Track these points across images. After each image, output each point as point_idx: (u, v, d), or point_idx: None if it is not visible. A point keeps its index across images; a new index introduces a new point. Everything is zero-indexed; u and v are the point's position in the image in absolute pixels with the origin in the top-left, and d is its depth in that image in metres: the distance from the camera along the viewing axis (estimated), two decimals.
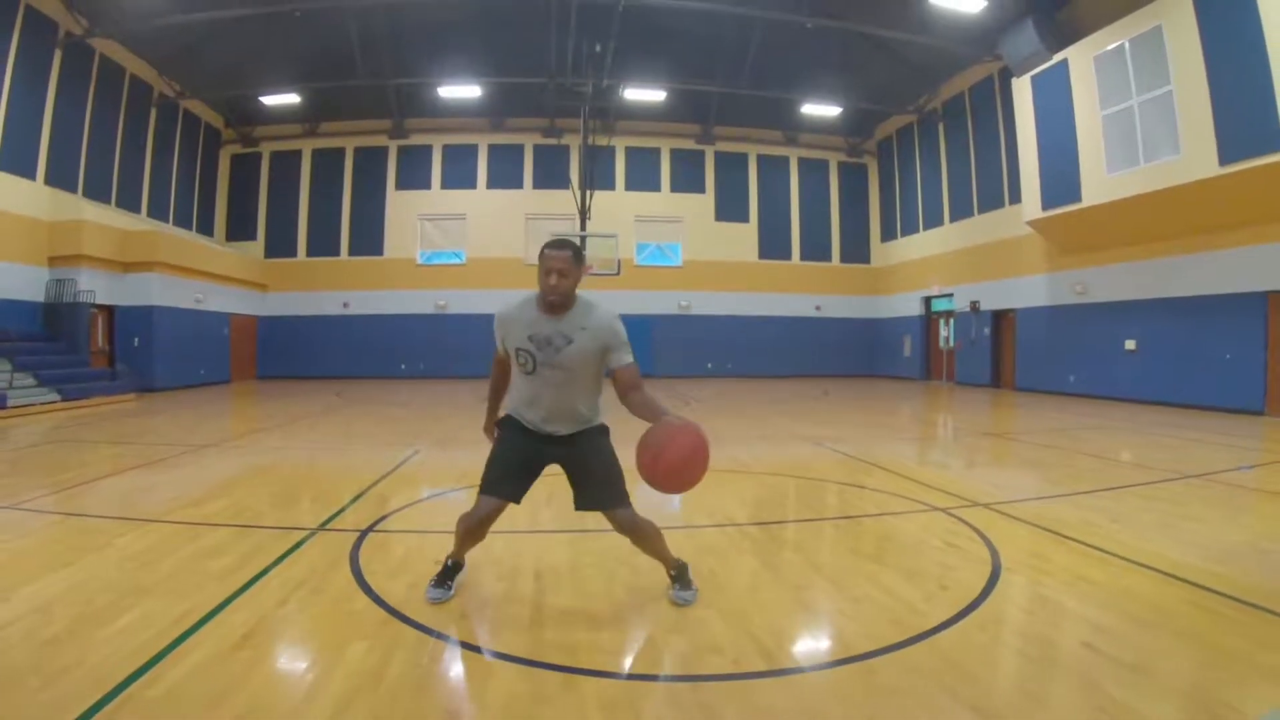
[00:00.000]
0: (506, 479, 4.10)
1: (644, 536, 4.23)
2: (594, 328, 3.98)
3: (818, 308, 30.66)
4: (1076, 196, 18.14)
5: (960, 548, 5.56)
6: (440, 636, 3.77)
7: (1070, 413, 16.18)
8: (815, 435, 12.50)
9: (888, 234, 30.76)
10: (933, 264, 26.85)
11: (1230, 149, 14.25)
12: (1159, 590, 4.59)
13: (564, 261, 3.88)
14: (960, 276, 24.96)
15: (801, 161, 31.28)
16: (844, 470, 8.93)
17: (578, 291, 3.99)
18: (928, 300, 27.46)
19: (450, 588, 4.34)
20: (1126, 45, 16.55)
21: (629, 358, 4.02)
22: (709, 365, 29.08)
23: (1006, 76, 20.94)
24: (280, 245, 28.86)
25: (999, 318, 23.50)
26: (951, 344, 25.96)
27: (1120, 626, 3.96)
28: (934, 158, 26.83)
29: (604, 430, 4.27)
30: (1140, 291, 17.89)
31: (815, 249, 31.26)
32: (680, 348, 28.70)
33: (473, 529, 4.08)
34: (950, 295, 25.71)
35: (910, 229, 28.80)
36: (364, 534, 5.83)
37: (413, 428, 13.88)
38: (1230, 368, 15.68)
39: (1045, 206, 19.26)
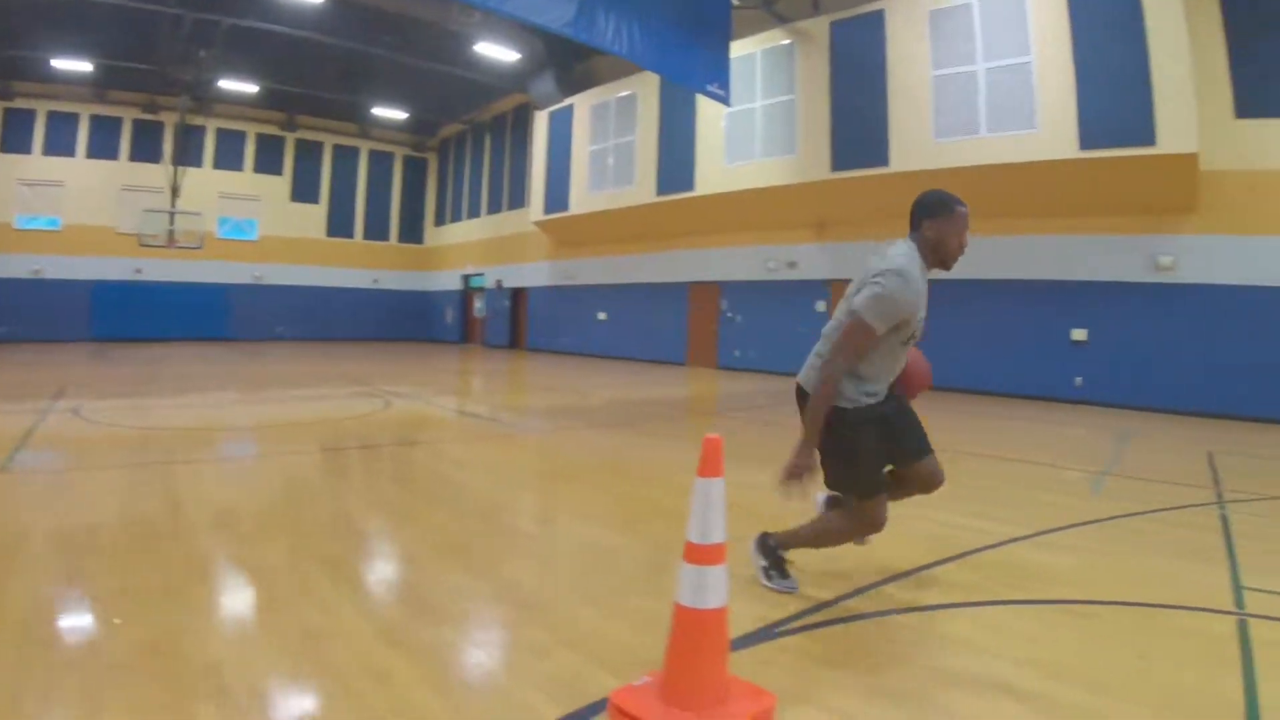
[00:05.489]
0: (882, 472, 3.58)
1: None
2: None
3: (375, 280, 32.94)
4: (566, 206, 22.97)
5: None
6: None
7: (534, 361, 21.33)
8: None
9: (440, 219, 34.06)
10: (472, 247, 30.72)
11: (665, 185, 19.74)
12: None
13: None
14: (491, 259, 29.18)
15: (372, 152, 33.17)
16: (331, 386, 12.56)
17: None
18: (466, 277, 31.31)
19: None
20: (612, 102, 21.58)
21: None
22: (279, 330, 29.92)
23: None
24: None
25: (516, 294, 28.11)
26: (483, 314, 30.36)
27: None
28: (479, 161, 30.68)
29: None
30: (610, 278, 23.37)
31: (376, 229, 33.46)
32: (254, 314, 29.46)
33: (880, 529, 3.59)
34: (483, 274, 29.88)
35: (457, 217, 32.40)
36: None
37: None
38: (667, 335, 21.62)
39: (546, 211, 23.90)
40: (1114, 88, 12.32)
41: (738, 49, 16.65)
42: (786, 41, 17.08)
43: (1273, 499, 6.52)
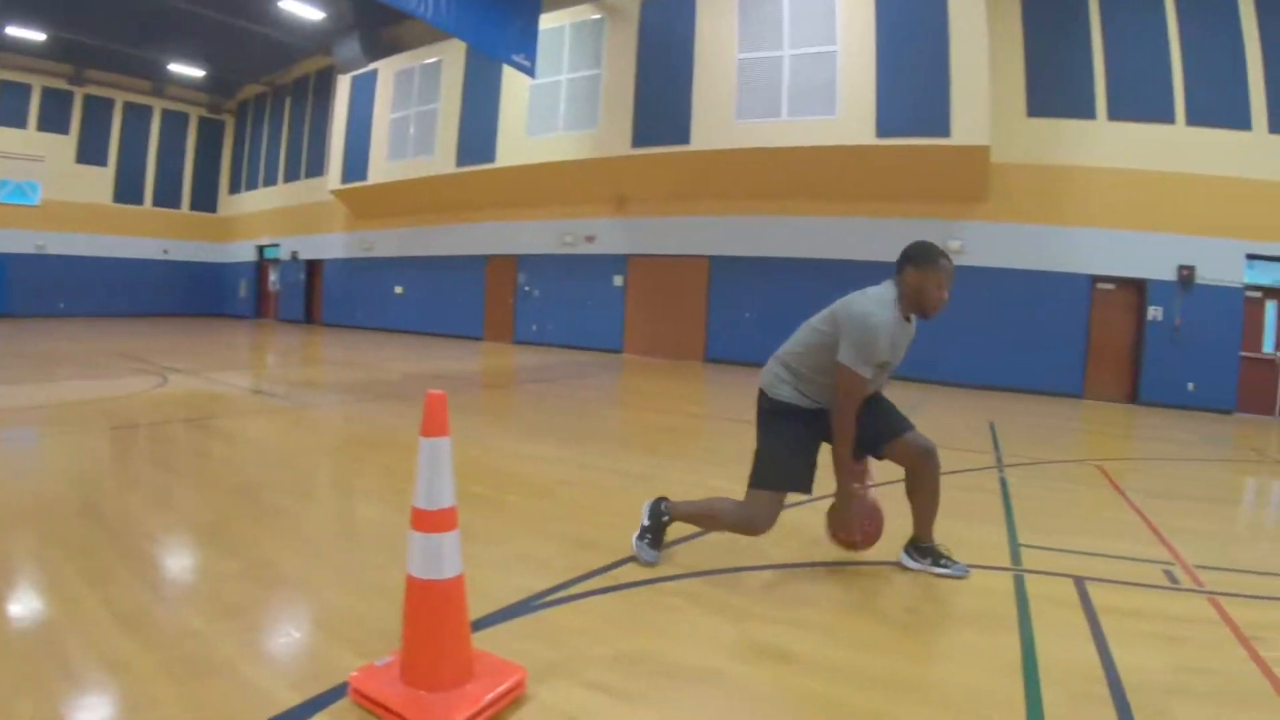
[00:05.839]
0: (809, 473, 3.51)
1: (934, 473, 3.74)
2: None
3: (165, 251, 29.79)
4: (365, 175, 21.78)
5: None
6: None
7: (329, 336, 20.19)
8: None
9: (235, 187, 31.18)
10: (267, 217, 28.44)
11: (465, 155, 19.06)
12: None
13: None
14: (287, 229, 27.15)
15: (165, 113, 29.82)
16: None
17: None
18: (261, 248, 29.04)
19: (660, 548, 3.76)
20: (417, 69, 20.60)
21: None
22: (61, 305, 26.26)
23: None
24: None
25: (312, 266, 26.37)
26: (277, 287, 28.28)
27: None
28: (279, 125, 28.41)
29: None
30: (408, 250, 22.39)
31: (168, 196, 30.20)
32: (35, 287, 25.66)
33: (758, 531, 3.51)
34: (278, 245, 27.80)
35: (253, 185, 29.81)
36: None
37: None
38: (464, 309, 20.85)
39: (345, 180, 22.57)
40: (914, 81, 12.99)
41: (547, 21, 16.45)
42: (596, 16, 17.01)
43: (1045, 463, 6.96)
